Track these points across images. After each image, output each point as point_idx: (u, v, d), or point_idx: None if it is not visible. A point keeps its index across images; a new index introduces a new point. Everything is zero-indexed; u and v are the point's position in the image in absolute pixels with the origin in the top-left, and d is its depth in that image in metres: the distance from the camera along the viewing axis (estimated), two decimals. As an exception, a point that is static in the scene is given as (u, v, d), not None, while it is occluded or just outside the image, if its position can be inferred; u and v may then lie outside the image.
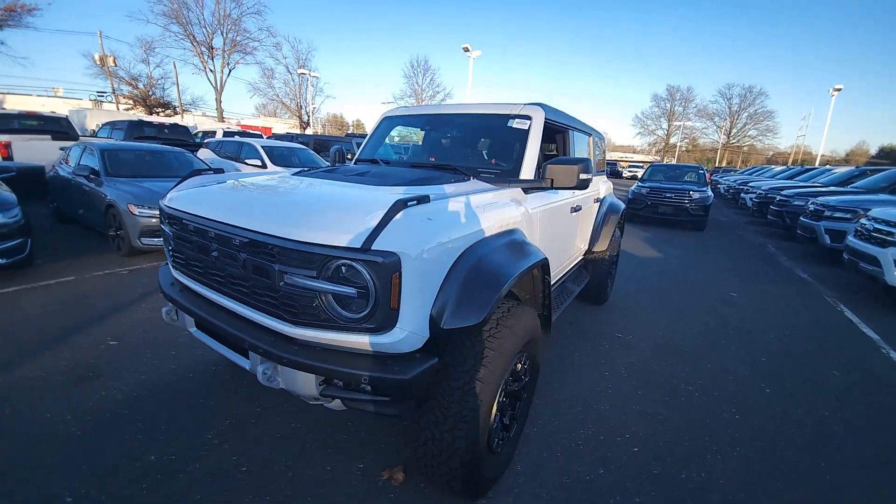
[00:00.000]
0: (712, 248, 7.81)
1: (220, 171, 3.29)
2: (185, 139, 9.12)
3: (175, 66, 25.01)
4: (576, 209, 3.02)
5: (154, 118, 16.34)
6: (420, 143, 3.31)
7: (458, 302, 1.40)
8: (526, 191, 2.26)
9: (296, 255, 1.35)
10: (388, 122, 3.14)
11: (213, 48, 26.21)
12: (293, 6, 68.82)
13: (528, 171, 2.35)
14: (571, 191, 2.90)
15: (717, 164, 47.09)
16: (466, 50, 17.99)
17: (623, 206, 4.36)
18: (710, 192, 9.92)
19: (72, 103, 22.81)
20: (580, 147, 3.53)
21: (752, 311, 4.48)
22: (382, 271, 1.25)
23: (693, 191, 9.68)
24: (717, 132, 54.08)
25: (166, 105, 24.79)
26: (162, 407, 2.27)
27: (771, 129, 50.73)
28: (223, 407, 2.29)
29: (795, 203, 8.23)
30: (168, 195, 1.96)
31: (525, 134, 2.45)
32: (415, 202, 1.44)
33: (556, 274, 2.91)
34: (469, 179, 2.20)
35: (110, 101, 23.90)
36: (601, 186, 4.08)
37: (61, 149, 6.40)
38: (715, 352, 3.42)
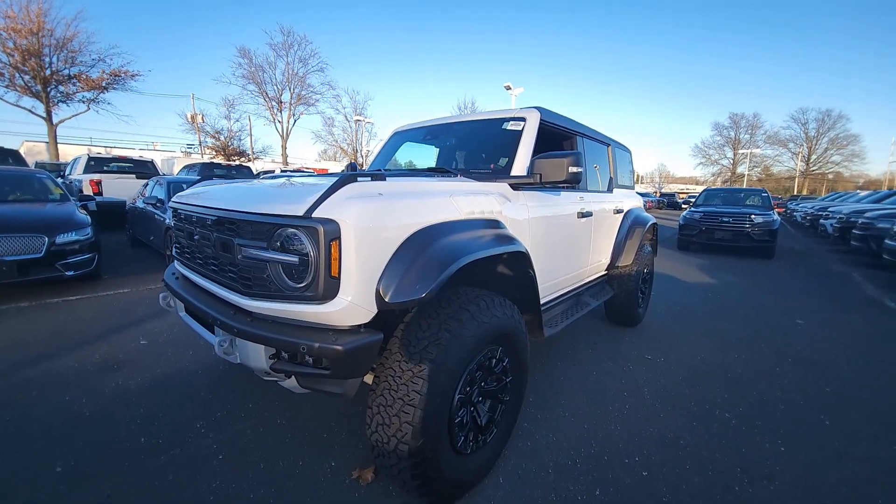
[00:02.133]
0: (779, 276, 6.94)
1: (232, 176, 3.57)
2: (247, 177, 10.20)
3: (250, 120, 28.68)
4: (585, 215, 2.87)
5: (230, 162, 18.53)
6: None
7: (404, 277, 1.37)
8: (515, 187, 2.20)
9: (249, 227, 1.41)
10: (396, 138, 3.28)
11: (281, 102, 29.67)
12: (350, 58, 76.50)
13: (519, 170, 2.30)
14: (578, 195, 2.84)
15: (794, 193, 42.93)
16: (508, 88, 18.58)
17: (652, 219, 4.08)
18: (775, 216, 8.96)
19: (165, 154, 26.70)
20: (596, 157, 3.42)
21: (822, 340, 3.85)
22: (321, 238, 1.26)
23: (754, 214, 8.82)
24: (793, 159, 49.72)
25: (242, 153, 28.09)
26: (166, 397, 2.39)
27: (857, 154, 45.77)
28: (219, 401, 2.36)
29: (880, 226, 7.17)
30: (177, 195, 2.16)
31: (518, 135, 2.43)
32: (367, 178, 1.46)
33: (562, 283, 2.75)
34: (456, 177, 2.20)
35: (196, 152, 27.62)
36: (625, 199, 3.87)
37: (143, 186, 7.39)
38: (766, 380, 2.94)
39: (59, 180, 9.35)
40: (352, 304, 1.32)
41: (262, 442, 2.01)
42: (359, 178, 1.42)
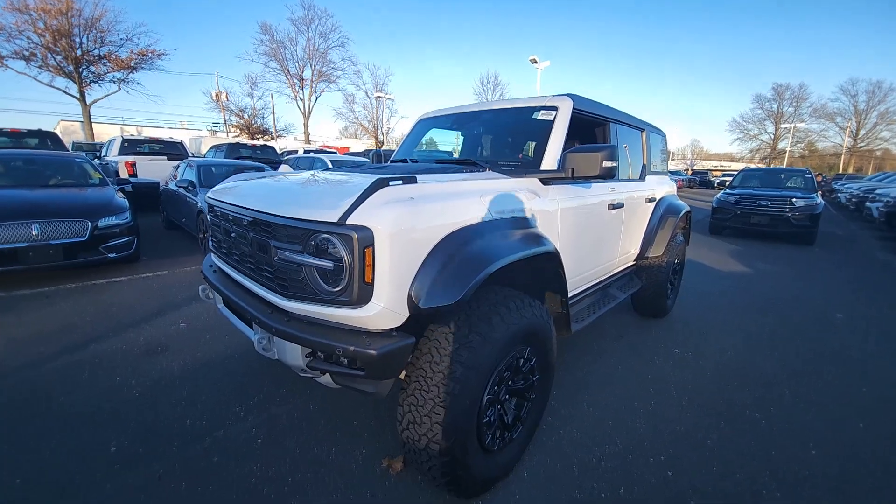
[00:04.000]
0: (819, 265, 6.61)
1: (261, 168, 3.63)
2: (272, 157, 10.33)
3: (272, 98, 28.88)
4: (616, 206, 2.79)
5: (255, 142, 18.83)
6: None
7: (436, 281, 1.37)
8: (545, 182, 2.15)
9: (285, 231, 1.44)
10: (422, 125, 3.23)
11: (303, 79, 29.65)
12: (371, 33, 74.88)
13: (549, 162, 2.23)
14: (609, 186, 2.75)
15: (840, 171, 40.32)
16: (534, 61, 17.86)
17: (686, 208, 3.92)
18: (819, 200, 8.44)
19: (193, 133, 27.37)
20: (629, 143, 3.28)
21: (862, 335, 3.69)
22: (355, 245, 1.28)
23: (796, 197, 8.33)
24: (840, 134, 46.44)
25: (265, 132, 28.43)
26: (207, 381, 2.53)
27: (910, 129, 42.24)
28: (255, 385, 2.49)
29: (936, 210, 6.65)
30: (212, 189, 2.22)
31: (549, 125, 2.35)
32: (399, 181, 1.45)
33: (590, 276, 2.71)
34: (485, 171, 2.17)
35: (222, 131, 28.15)
36: (658, 187, 3.72)
37: (174, 167, 7.61)
38: (799, 379, 2.86)
39: (96, 161, 9.75)
40: (385, 309, 1.34)
41: (297, 428, 2.12)
42: (390, 183, 1.41)
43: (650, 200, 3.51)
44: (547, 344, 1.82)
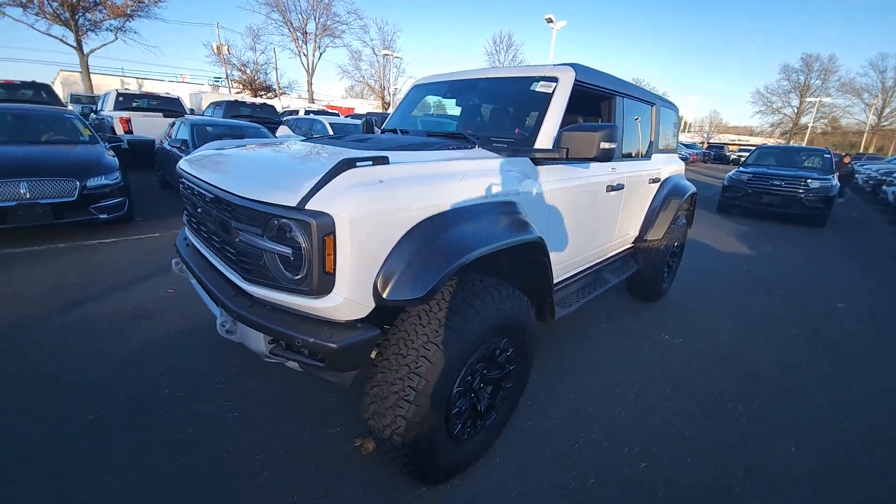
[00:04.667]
0: (827, 249, 6.45)
1: (240, 136, 3.49)
2: (271, 117, 10.02)
3: (275, 52, 27.71)
4: (615, 188, 2.64)
5: (255, 99, 18.28)
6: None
7: (404, 273, 1.29)
8: (537, 161, 2.01)
9: (245, 212, 1.35)
10: (416, 92, 3.03)
11: (306, 33, 28.28)
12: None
13: (544, 140, 2.08)
14: (610, 166, 2.59)
15: (861, 150, 38.72)
16: (550, 21, 16.80)
17: (692, 189, 3.75)
18: (834, 181, 8.13)
19: (194, 88, 26.60)
20: (638, 117, 3.08)
21: (862, 326, 3.61)
22: (314, 232, 1.19)
23: (811, 178, 8.01)
24: (865, 111, 44.24)
25: (268, 88, 27.54)
26: (188, 350, 2.53)
27: (939, 108, 40.07)
28: (233, 357, 2.48)
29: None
30: (184, 158, 2.11)
31: (548, 98, 2.17)
32: (369, 162, 1.34)
33: (581, 261, 2.61)
34: (474, 148, 2.03)
35: (224, 86, 27.32)
36: (663, 166, 3.53)
37: (170, 125, 7.40)
38: (790, 371, 2.81)
39: (93, 116, 9.52)
40: (347, 301, 1.27)
41: (272, 403, 2.12)
42: (358, 164, 1.30)
43: (654, 181, 3.34)
44: (525, 334, 1.76)
